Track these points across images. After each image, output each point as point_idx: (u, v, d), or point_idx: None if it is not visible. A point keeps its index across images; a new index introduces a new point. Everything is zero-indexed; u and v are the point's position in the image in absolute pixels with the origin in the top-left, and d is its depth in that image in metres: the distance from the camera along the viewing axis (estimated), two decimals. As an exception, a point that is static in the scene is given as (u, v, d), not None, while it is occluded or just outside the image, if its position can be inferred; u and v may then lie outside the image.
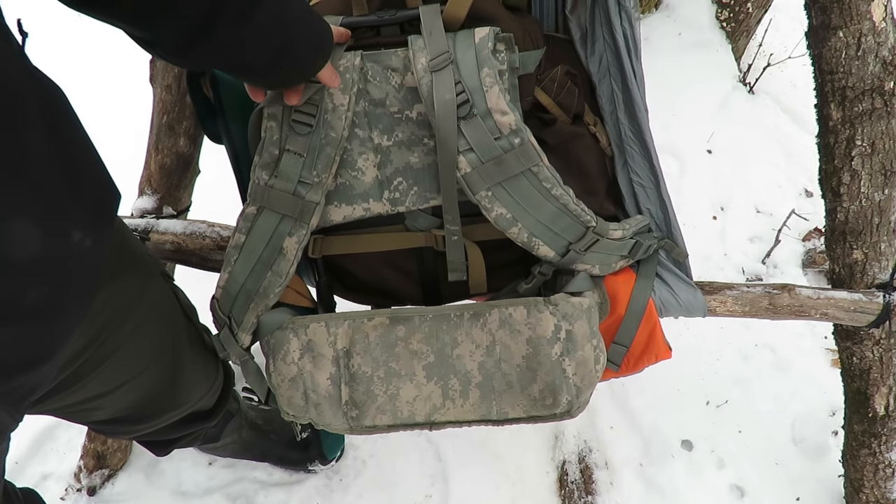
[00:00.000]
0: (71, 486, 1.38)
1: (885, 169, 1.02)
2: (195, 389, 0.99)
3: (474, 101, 0.78)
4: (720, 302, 1.03)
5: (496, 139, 0.79)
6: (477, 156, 0.79)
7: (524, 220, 0.82)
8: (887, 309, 1.07)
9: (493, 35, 0.79)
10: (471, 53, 0.78)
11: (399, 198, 0.85)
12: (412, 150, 0.83)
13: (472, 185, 0.80)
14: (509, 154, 0.79)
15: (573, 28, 0.97)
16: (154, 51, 0.63)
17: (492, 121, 0.78)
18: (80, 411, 0.84)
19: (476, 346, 0.85)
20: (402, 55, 0.81)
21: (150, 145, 1.09)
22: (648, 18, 2.12)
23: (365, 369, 0.85)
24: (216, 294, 0.88)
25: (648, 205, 0.99)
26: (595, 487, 1.42)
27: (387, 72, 0.81)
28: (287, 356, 0.85)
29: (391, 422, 0.87)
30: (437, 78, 0.78)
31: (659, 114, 1.89)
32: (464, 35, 0.80)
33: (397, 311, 0.86)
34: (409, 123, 0.83)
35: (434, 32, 0.79)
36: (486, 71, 0.78)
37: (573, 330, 0.83)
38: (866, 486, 1.30)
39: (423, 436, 1.45)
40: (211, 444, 1.29)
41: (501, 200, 0.81)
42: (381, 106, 0.82)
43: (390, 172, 0.84)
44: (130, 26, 0.58)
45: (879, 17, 0.94)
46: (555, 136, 0.89)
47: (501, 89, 0.78)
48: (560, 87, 0.89)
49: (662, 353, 0.95)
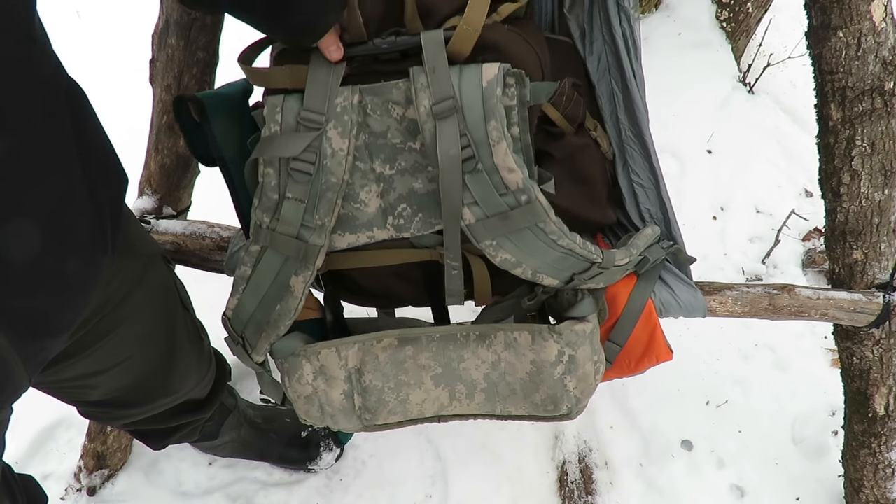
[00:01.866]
0: (71, 486, 1.38)
1: (885, 169, 1.02)
2: (188, 378, 1.01)
3: (480, 156, 0.73)
4: (720, 302, 1.03)
5: (502, 195, 0.75)
6: (482, 209, 0.76)
7: (529, 263, 0.81)
8: (887, 309, 1.07)
9: (503, 76, 0.73)
10: (478, 100, 0.72)
11: (403, 224, 0.81)
12: (416, 176, 0.79)
13: (476, 235, 0.78)
14: (515, 210, 0.76)
15: (571, 27, 0.97)
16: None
17: (498, 177, 0.74)
18: (74, 388, 0.86)
19: (481, 361, 0.89)
20: (403, 87, 0.75)
21: (150, 145, 1.09)
22: (648, 18, 2.12)
23: (376, 383, 0.89)
24: (227, 314, 0.88)
25: (648, 205, 0.99)
26: (595, 487, 1.42)
27: (388, 104, 0.76)
28: (301, 378, 0.89)
29: (402, 419, 0.93)
30: (441, 127, 0.73)
31: (659, 114, 1.90)
32: (470, 74, 0.73)
33: (405, 333, 0.88)
34: (411, 153, 0.78)
35: (438, 70, 0.73)
36: (494, 124, 0.72)
37: (576, 355, 0.86)
38: (866, 486, 1.31)
39: (423, 436, 1.45)
40: (210, 443, 1.30)
41: (506, 248, 0.79)
42: (383, 137, 0.78)
43: (394, 199, 0.80)
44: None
45: (879, 17, 0.94)
46: (561, 150, 0.88)
47: (509, 144, 0.73)
48: (568, 101, 0.87)
49: (663, 355, 0.95)
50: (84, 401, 0.94)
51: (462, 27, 0.73)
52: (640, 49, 0.93)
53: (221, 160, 0.85)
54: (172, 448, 1.36)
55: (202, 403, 1.11)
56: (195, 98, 0.82)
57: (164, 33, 1.02)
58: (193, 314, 1.03)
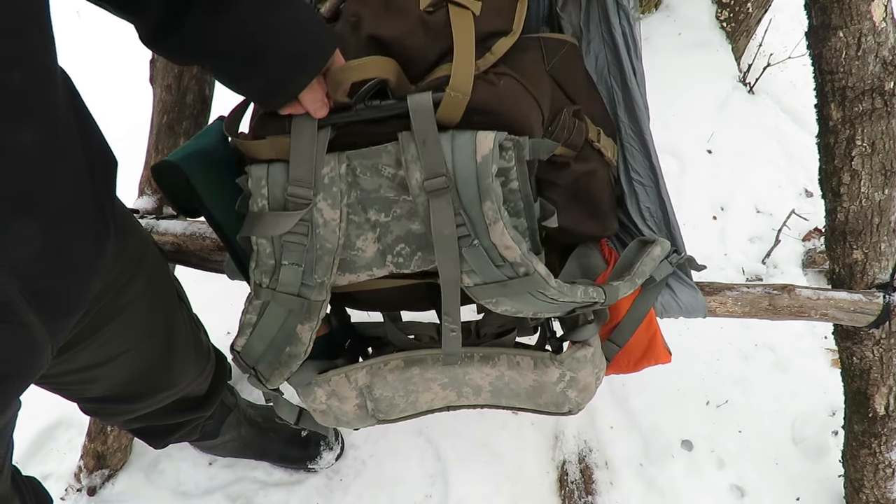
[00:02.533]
0: (71, 486, 1.38)
1: (885, 169, 1.02)
2: (187, 370, 1.02)
3: (476, 234, 0.71)
4: (720, 302, 1.03)
5: (499, 266, 0.73)
6: (479, 277, 0.74)
7: (529, 311, 0.80)
8: (887, 309, 1.07)
9: (499, 147, 0.69)
10: (472, 177, 0.68)
11: (403, 262, 0.79)
12: (412, 219, 0.76)
13: (475, 295, 0.77)
14: (514, 280, 0.74)
15: (565, 26, 0.96)
16: (138, 29, 0.62)
17: (496, 252, 0.72)
18: (75, 382, 0.87)
19: (486, 375, 0.91)
20: (392, 151, 0.71)
21: (150, 145, 1.09)
22: (648, 18, 2.12)
23: (386, 394, 0.93)
24: (237, 349, 0.87)
25: (648, 203, 0.99)
26: (595, 487, 1.42)
27: (378, 166, 0.72)
28: (316, 400, 0.92)
29: (413, 412, 0.97)
30: (434, 204, 0.70)
31: (659, 114, 1.89)
32: (463, 145, 0.68)
33: (410, 356, 0.89)
34: (405, 202, 0.75)
35: (428, 142, 0.68)
36: (489, 205, 0.69)
37: (577, 376, 0.87)
38: (866, 486, 1.30)
39: (423, 436, 1.45)
40: (210, 442, 1.30)
41: (505, 304, 0.78)
42: (375, 192, 0.74)
43: (391, 240, 0.78)
44: (116, 9, 0.60)
45: (879, 17, 0.94)
46: (566, 178, 0.87)
47: (506, 223, 0.70)
48: (569, 133, 0.84)
49: (662, 358, 0.96)
50: (85, 397, 0.95)
51: (450, 94, 0.68)
52: (640, 47, 0.93)
53: (210, 218, 0.83)
54: (173, 448, 1.37)
55: (202, 401, 1.11)
56: (171, 164, 0.78)
57: (164, 33, 1.01)
58: (190, 308, 1.05)
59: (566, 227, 0.86)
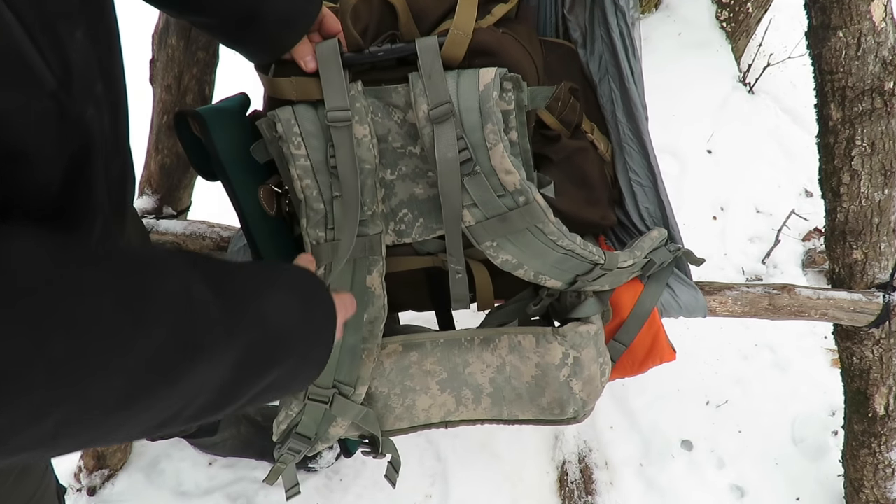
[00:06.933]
0: (71, 486, 1.38)
1: (885, 169, 1.02)
2: None
3: (478, 159, 0.75)
4: (720, 302, 1.03)
5: (500, 196, 0.76)
6: (481, 211, 0.77)
7: (530, 264, 0.82)
8: (887, 309, 1.07)
9: (500, 80, 0.74)
10: (475, 104, 0.74)
11: (405, 229, 0.83)
12: (416, 181, 0.81)
13: (476, 236, 0.79)
14: (514, 212, 0.77)
15: (572, 28, 0.97)
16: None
17: (496, 179, 0.76)
18: None
19: (487, 365, 0.90)
20: (403, 92, 0.76)
21: (150, 145, 1.09)
22: (648, 18, 2.12)
23: (382, 390, 0.91)
24: None
25: (647, 203, 0.99)
26: (595, 487, 1.42)
27: (388, 108, 0.78)
28: None
29: (409, 425, 0.94)
30: (438, 131, 0.74)
31: (659, 114, 1.89)
32: (467, 79, 0.74)
33: (409, 339, 0.89)
34: (412, 158, 0.80)
35: (434, 76, 0.74)
36: (490, 127, 0.74)
37: (581, 356, 0.87)
38: (866, 485, 1.30)
39: (423, 436, 1.45)
40: (209, 439, 1.30)
41: (506, 249, 0.80)
42: (384, 141, 0.79)
43: (395, 204, 0.82)
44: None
45: (879, 17, 0.94)
46: (559, 152, 0.89)
47: (506, 146, 0.74)
48: (563, 105, 0.87)
49: (667, 356, 0.96)
50: None
51: (453, 32, 0.74)
52: (638, 48, 0.93)
53: (223, 174, 0.84)
54: (173, 448, 1.37)
55: None
56: (195, 112, 0.81)
57: (164, 33, 1.02)
58: None
59: (566, 211, 0.87)
